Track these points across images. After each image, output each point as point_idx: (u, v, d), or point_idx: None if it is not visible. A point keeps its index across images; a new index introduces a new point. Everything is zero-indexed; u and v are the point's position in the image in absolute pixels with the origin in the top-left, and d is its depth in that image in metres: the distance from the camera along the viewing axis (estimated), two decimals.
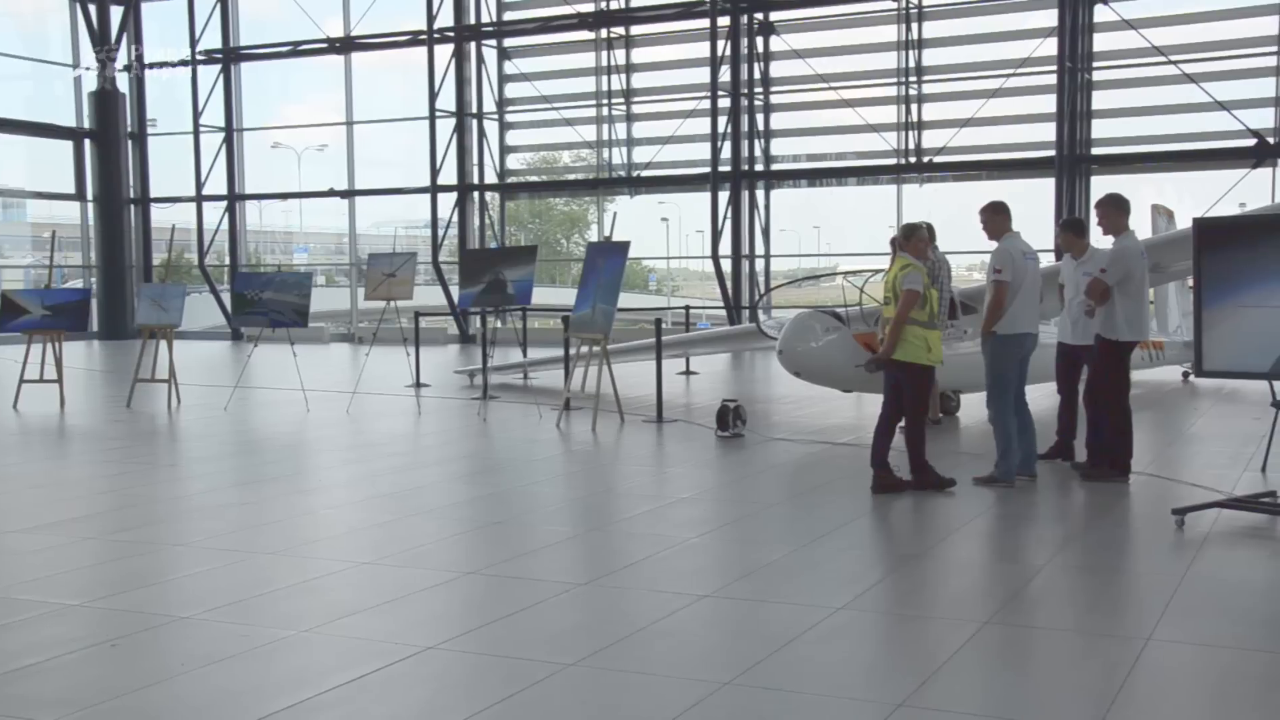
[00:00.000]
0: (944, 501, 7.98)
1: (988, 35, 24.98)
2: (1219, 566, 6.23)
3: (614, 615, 5.54)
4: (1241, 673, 4.64)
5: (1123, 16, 23.04)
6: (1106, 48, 23.63)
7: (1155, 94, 23.46)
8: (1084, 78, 23.55)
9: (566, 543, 7.06)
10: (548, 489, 8.89)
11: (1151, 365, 15.83)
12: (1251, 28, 22.73)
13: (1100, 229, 8.87)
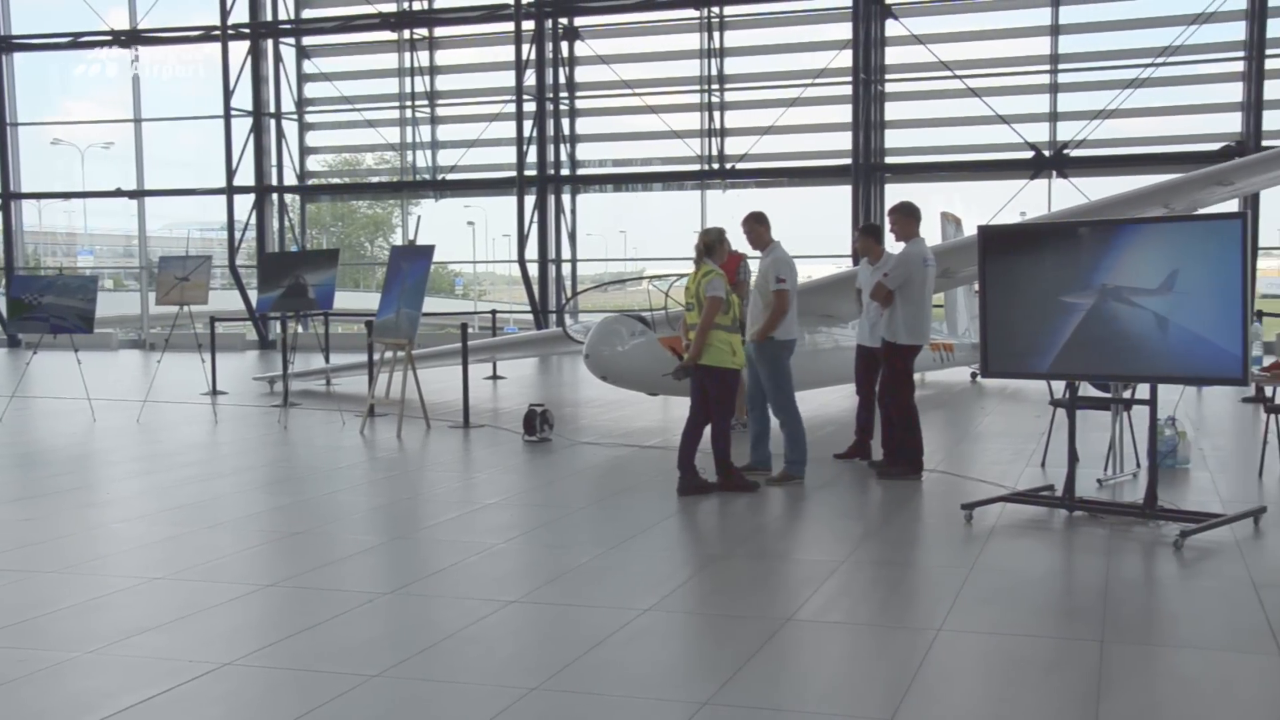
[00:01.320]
0: (749, 502, 8.14)
1: (787, 46, 25.69)
2: (1004, 557, 6.54)
3: (419, 624, 5.45)
4: (1024, 658, 4.87)
5: (912, 31, 24.03)
6: (898, 61, 24.59)
7: (943, 107, 24.54)
8: (877, 89, 24.44)
9: (370, 552, 6.91)
10: (351, 497, 8.69)
11: (942, 366, 16.54)
12: (1028, 47, 24.02)
13: (893, 235, 9.20)
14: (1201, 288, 6.71)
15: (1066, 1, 23.50)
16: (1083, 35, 23.75)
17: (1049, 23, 23.59)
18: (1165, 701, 4.37)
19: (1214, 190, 12.12)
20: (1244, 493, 8.24)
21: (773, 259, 8.98)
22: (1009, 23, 24.35)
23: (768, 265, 9.00)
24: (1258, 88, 22.08)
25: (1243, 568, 6.18)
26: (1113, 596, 5.72)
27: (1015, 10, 24.24)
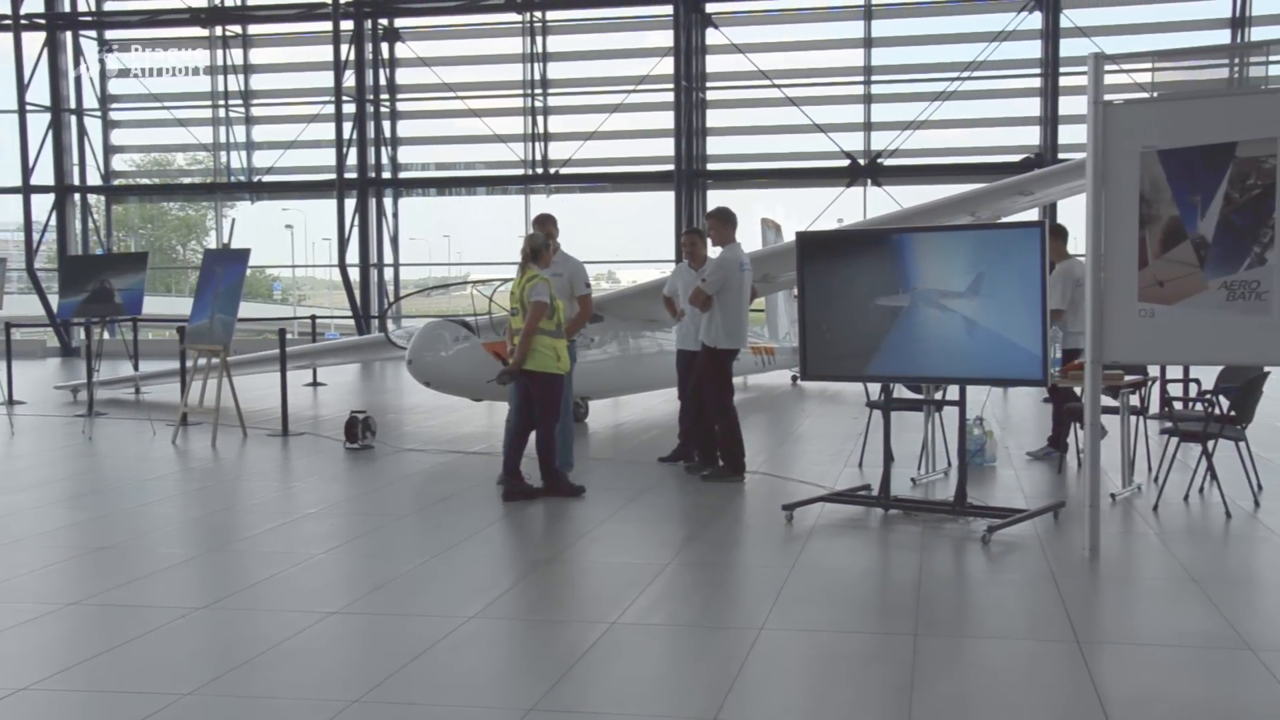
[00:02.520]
0: (575, 507, 8.14)
1: (609, 52, 25.87)
2: (823, 556, 6.70)
3: (236, 639, 5.27)
4: (842, 653, 5.00)
5: (732, 41, 24.47)
6: (719, 69, 25.02)
7: (763, 115, 25.05)
8: (699, 96, 24.80)
9: (183, 565, 6.65)
10: (163, 509, 8.34)
11: (764, 370, 16.86)
12: (843, 59, 24.76)
13: (710, 240, 9.32)
14: (1005, 292, 7.01)
15: (878, 16, 24.30)
16: (894, 49, 24.62)
17: (862, 35, 24.35)
18: (973, 690, 4.54)
19: (1016, 199, 12.68)
20: (1045, 488, 8.64)
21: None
22: (825, 34, 25.05)
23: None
24: (1053, 103, 23.24)
25: (1044, 560, 6.48)
26: (925, 591, 5.92)
27: (830, 23, 24.94)
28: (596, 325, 12.56)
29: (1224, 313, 6.13)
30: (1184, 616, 5.44)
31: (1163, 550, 6.72)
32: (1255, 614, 5.48)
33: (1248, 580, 6.19)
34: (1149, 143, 6.23)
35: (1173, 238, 6.22)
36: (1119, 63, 6.78)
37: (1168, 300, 6.26)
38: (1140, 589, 6.04)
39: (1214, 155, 6.09)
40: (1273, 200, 5.99)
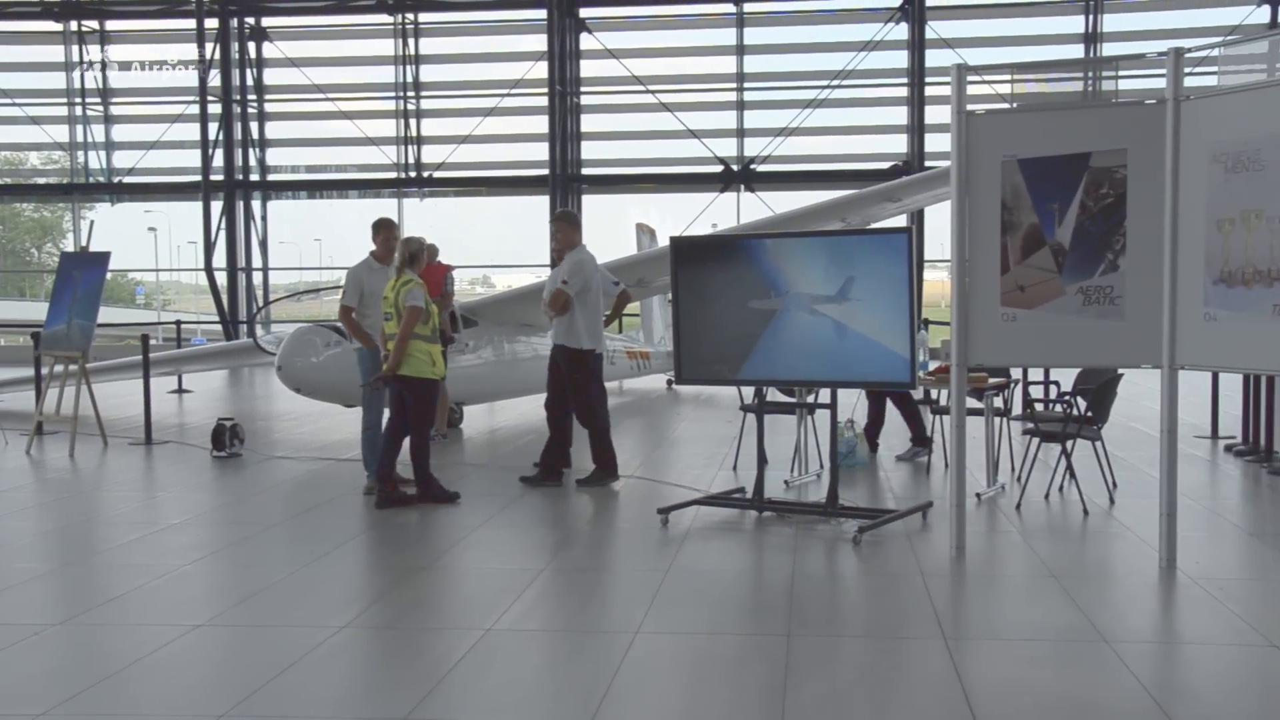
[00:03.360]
0: (449, 513, 8.06)
1: (483, 55, 25.73)
2: (697, 559, 6.74)
3: (95, 655, 5.08)
4: (717, 654, 5.04)
5: (606, 46, 24.54)
6: (593, 74, 25.07)
7: (638, 120, 25.19)
8: (573, 101, 24.81)
9: (38, 580, 6.40)
10: (15, 523, 8.01)
11: (639, 374, 16.92)
12: (716, 65, 25.02)
13: (555, 244, 9.12)
14: (874, 297, 7.16)
15: (750, 24, 24.62)
16: (766, 56, 24.96)
17: (734, 43, 24.64)
18: (846, 688, 4.61)
19: (884, 206, 12.96)
20: (914, 489, 8.83)
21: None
22: (698, 41, 25.31)
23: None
24: (920, 112, 23.82)
25: (912, 559, 6.62)
26: (798, 591, 6.00)
27: (704, 29, 25.19)
28: (471, 330, 12.47)
29: (1081, 317, 6.35)
30: (1044, 611, 5.61)
31: (1025, 548, 6.92)
32: (1110, 607, 5.68)
33: (1103, 575, 6.41)
34: (1009, 152, 6.42)
35: (1032, 244, 6.42)
36: (981, 74, 6.97)
37: (1028, 305, 6.46)
38: (1004, 585, 6.22)
39: (1070, 165, 6.30)
40: (1124, 209, 6.22)
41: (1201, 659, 4.97)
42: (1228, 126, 5.87)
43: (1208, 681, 4.69)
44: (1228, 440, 10.72)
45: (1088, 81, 6.66)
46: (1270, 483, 8.92)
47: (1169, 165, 6.10)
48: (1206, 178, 5.95)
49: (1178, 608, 5.75)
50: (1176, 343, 6.16)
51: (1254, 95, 5.82)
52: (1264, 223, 5.70)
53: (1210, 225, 5.95)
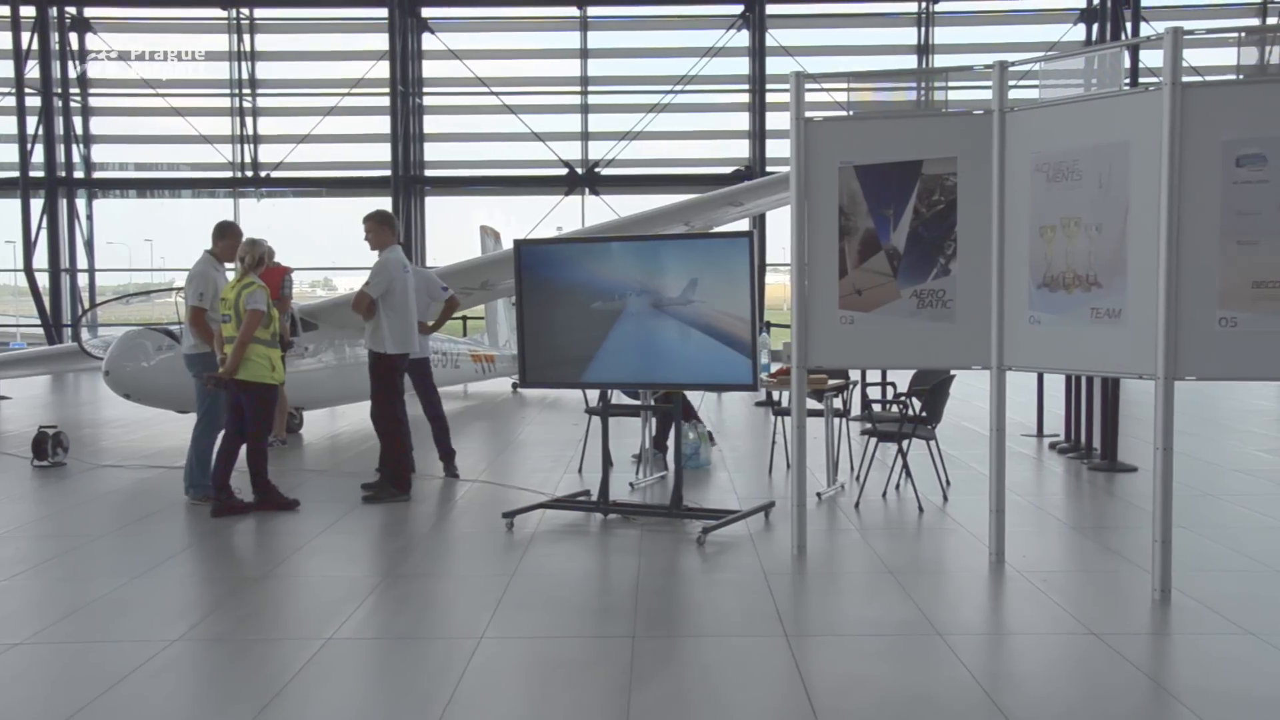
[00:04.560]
0: (288, 521, 7.87)
1: (323, 53, 25.21)
2: (543, 562, 6.72)
3: None
4: (562, 658, 5.02)
5: (449, 46, 24.31)
6: (436, 75, 24.81)
7: (482, 122, 25.04)
8: (416, 102, 24.51)
9: None
10: None
11: (484, 377, 16.81)
12: (561, 68, 25.03)
13: (367, 244, 8.94)
14: (717, 300, 7.25)
15: (594, 28, 24.70)
16: (610, 60, 25.07)
17: (579, 46, 24.70)
18: (690, 687, 4.65)
19: (727, 210, 13.14)
20: (757, 489, 8.97)
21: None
22: (542, 44, 25.29)
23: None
24: (761, 118, 24.26)
25: (755, 558, 6.72)
26: (643, 593, 6.03)
27: (547, 32, 25.18)
28: (310, 334, 12.20)
29: (915, 320, 6.54)
30: (882, 606, 5.76)
31: (863, 545, 7.09)
32: (943, 601, 5.86)
33: (937, 570, 6.61)
34: (846, 158, 6.58)
35: (869, 248, 6.58)
36: (819, 81, 7.12)
37: (865, 308, 6.62)
38: (843, 582, 6.36)
39: (903, 171, 6.49)
40: (955, 215, 6.44)
41: (1027, 648, 5.17)
42: (1049, 137, 6.13)
43: (1033, 669, 4.89)
44: (1052, 438, 11.19)
45: (920, 91, 6.86)
46: (1090, 478, 9.33)
47: (995, 174, 6.33)
48: (1030, 186, 6.20)
49: (1006, 600, 5.97)
50: (1004, 345, 6.40)
51: (1072, 108, 6.08)
52: (1082, 230, 5.97)
53: (1034, 232, 6.20)
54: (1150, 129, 5.63)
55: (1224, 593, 5.86)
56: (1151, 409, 5.74)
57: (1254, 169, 5.50)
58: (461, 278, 12.66)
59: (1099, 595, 5.98)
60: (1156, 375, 5.67)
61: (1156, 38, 5.74)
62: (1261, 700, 4.40)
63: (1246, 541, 7.03)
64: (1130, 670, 4.75)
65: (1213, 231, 5.56)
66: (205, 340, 8.47)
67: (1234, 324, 5.56)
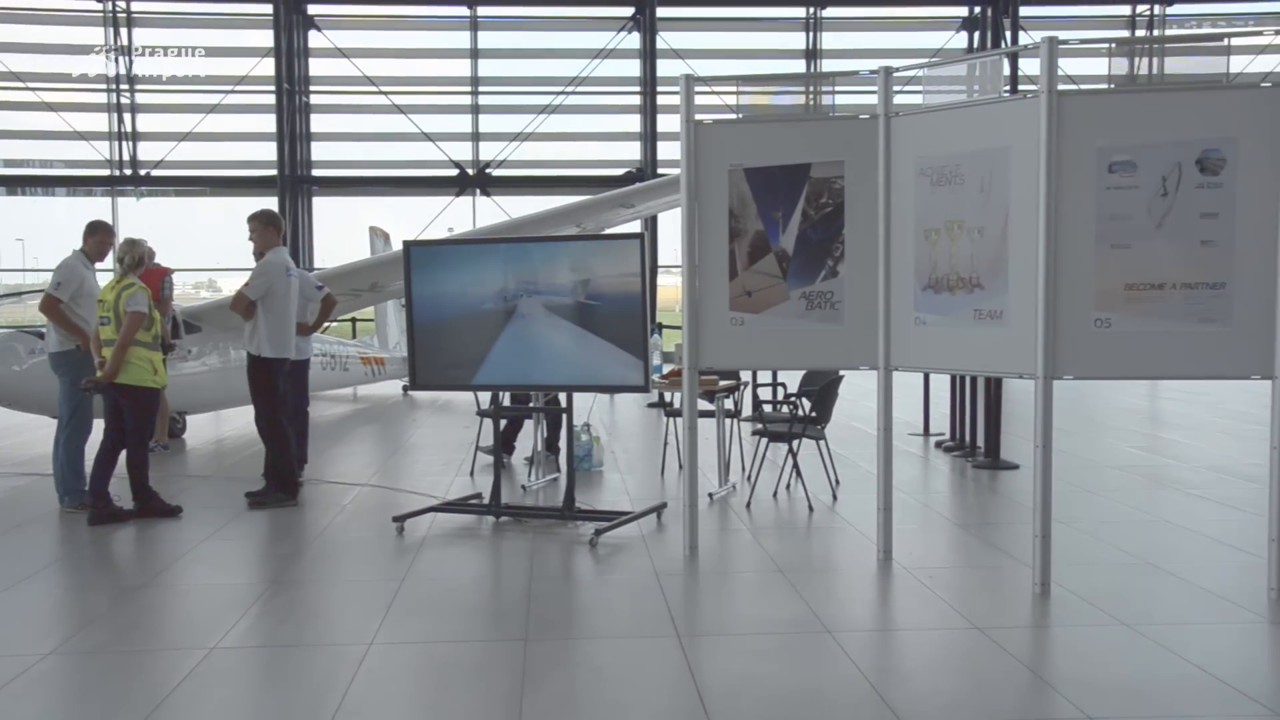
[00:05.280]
0: (170, 528, 7.67)
1: (206, 49, 24.64)
2: (434, 566, 6.66)
3: None
4: (453, 663, 4.97)
5: (336, 44, 23.95)
6: (324, 73, 24.43)
7: (371, 122, 24.70)
8: (302, 100, 24.11)
9: None
10: None
11: (374, 380, 16.60)
12: (451, 68, 24.82)
13: (253, 245, 8.78)
14: (608, 301, 7.26)
15: (485, 27, 24.56)
16: (501, 60, 24.94)
17: (469, 46, 24.53)
18: (582, 690, 4.65)
19: (619, 211, 13.18)
20: (649, 490, 9.00)
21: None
22: (432, 43, 25.03)
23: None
24: (652, 120, 24.36)
25: (647, 559, 6.74)
26: (536, 596, 6.00)
27: (437, 31, 24.95)
28: (194, 336, 11.92)
29: (804, 321, 6.62)
30: (772, 605, 5.81)
31: (754, 545, 7.16)
32: (833, 599, 5.95)
33: (826, 568, 6.70)
34: (736, 161, 6.64)
35: (759, 250, 6.65)
36: (708, 84, 7.17)
37: (755, 309, 6.69)
38: (735, 582, 6.40)
39: (792, 174, 6.57)
40: (843, 217, 6.54)
41: (914, 644, 5.27)
42: (932, 142, 6.26)
43: (919, 664, 4.98)
44: (938, 437, 11.43)
45: (808, 95, 6.95)
46: (975, 476, 9.55)
47: (881, 177, 6.45)
48: (914, 190, 6.33)
49: (893, 596, 6.08)
50: (891, 346, 6.52)
51: (955, 114, 6.22)
52: (965, 232, 6.11)
53: (919, 234, 6.32)
54: (1029, 135, 5.78)
55: (1100, 586, 6.04)
56: (1032, 408, 5.89)
57: (1125, 175, 5.68)
58: (350, 279, 12.49)
59: (982, 590, 6.12)
60: (1036, 375, 5.82)
61: (1034, 47, 5.90)
62: (1135, 688, 4.54)
63: (1121, 536, 7.26)
64: (1012, 663, 4.87)
65: (1088, 235, 5.73)
66: (67, 332, 8.19)
67: (1108, 325, 5.74)
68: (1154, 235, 5.68)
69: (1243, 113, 5.60)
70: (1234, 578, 6.20)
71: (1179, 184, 5.63)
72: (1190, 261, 5.67)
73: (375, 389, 17.23)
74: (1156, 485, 9.05)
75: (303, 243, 23.95)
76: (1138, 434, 12.13)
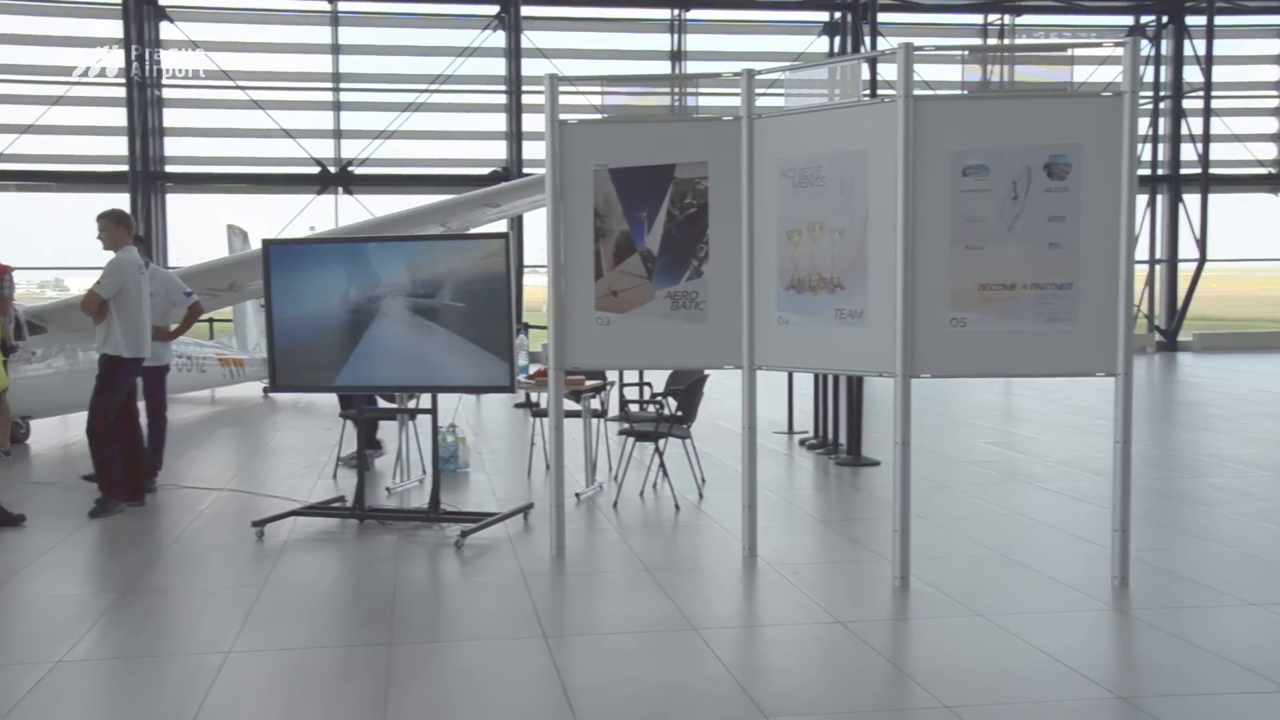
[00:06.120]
0: (12, 538, 7.36)
1: (51, 38, 23.69)
2: (296, 572, 6.51)
3: None
4: (315, 669, 4.87)
5: (190, 37, 23.29)
6: (177, 66, 23.71)
7: (227, 117, 24.05)
8: (154, 94, 23.37)
9: None
10: None
11: (233, 382, 16.19)
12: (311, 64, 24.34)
13: (100, 243, 8.49)
14: (473, 301, 7.20)
15: (346, 22, 24.15)
16: (363, 57, 24.53)
17: (330, 41, 24.09)
18: (448, 693, 4.60)
19: (484, 211, 13.08)
20: (516, 491, 8.95)
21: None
22: (292, 38, 24.49)
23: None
24: (518, 120, 24.25)
25: (514, 560, 6.71)
26: (401, 599, 5.92)
27: (297, 26, 24.43)
28: (40, 337, 11.46)
29: (670, 321, 6.66)
30: (639, 604, 5.84)
31: (621, 544, 7.18)
32: (698, 596, 6.00)
33: (693, 566, 6.76)
34: (600, 161, 6.65)
35: (624, 250, 6.67)
36: (573, 84, 7.17)
37: (621, 309, 6.70)
38: (602, 581, 6.41)
39: (656, 175, 6.60)
40: (707, 218, 6.60)
41: (778, 639, 5.34)
42: (794, 144, 6.35)
43: (783, 660, 5.05)
44: (802, 435, 11.62)
45: (673, 96, 6.99)
46: (837, 473, 9.74)
47: (744, 178, 6.52)
48: (777, 191, 6.42)
49: (758, 593, 6.16)
50: (755, 345, 6.60)
51: (816, 117, 6.33)
52: (826, 234, 6.22)
53: (781, 235, 6.41)
54: (887, 138, 5.91)
55: (956, 578, 6.21)
56: (892, 405, 6.03)
57: (978, 178, 5.86)
58: (208, 279, 12.15)
59: (845, 585, 6.24)
60: (895, 373, 5.96)
61: (891, 53, 6.04)
62: (988, 677, 4.68)
63: (976, 529, 7.48)
64: (872, 655, 4.97)
65: (943, 237, 5.89)
66: None
67: (963, 324, 5.91)
68: (1006, 237, 5.87)
69: (1087, 120, 5.82)
70: (1081, 567, 6.44)
71: (1029, 188, 5.83)
72: (1039, 263, 5.87)
73: (234, 391, 16.80)
74: (1010, 480, 9.35)
75: (157, 241, 23.22)
76: (993, 430, 12.52)
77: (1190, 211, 25.89)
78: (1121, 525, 6.00)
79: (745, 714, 4.30)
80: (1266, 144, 27.18)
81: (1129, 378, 5.94)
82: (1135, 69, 5.84)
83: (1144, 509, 7.77)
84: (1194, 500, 8.41)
